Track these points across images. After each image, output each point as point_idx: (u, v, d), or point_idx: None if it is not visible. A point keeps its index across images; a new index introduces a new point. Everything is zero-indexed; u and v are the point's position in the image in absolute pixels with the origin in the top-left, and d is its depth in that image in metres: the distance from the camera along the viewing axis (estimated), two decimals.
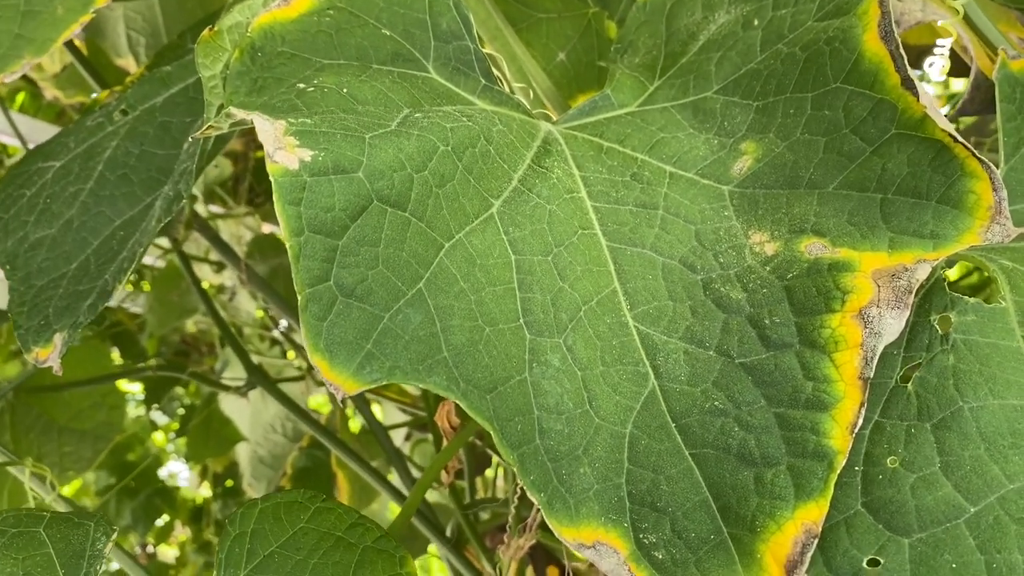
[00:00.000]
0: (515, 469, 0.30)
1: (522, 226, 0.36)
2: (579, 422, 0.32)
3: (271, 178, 0.29)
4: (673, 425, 0.32)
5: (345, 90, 0.36)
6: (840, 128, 0.37)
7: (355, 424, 1.53)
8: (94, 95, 0.62)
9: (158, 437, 2.81)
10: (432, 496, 1.15)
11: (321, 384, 1.38)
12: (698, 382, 0.33)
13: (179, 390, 2.37)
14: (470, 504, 0.89)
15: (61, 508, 0.57)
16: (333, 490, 0.95)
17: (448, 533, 0.88)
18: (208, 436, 1.37)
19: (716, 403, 0.32)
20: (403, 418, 1.37)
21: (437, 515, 0.94)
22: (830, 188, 0.36)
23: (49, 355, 0.43)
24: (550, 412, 0.32)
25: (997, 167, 0.44)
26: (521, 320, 0.34)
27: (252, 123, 0.31)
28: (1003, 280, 0.35)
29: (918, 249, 0.33)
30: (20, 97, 1.52)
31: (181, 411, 2.44)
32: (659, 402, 0.32)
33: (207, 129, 0.33)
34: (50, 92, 1.29)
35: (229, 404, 1.52)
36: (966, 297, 0.34)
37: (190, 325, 1.97)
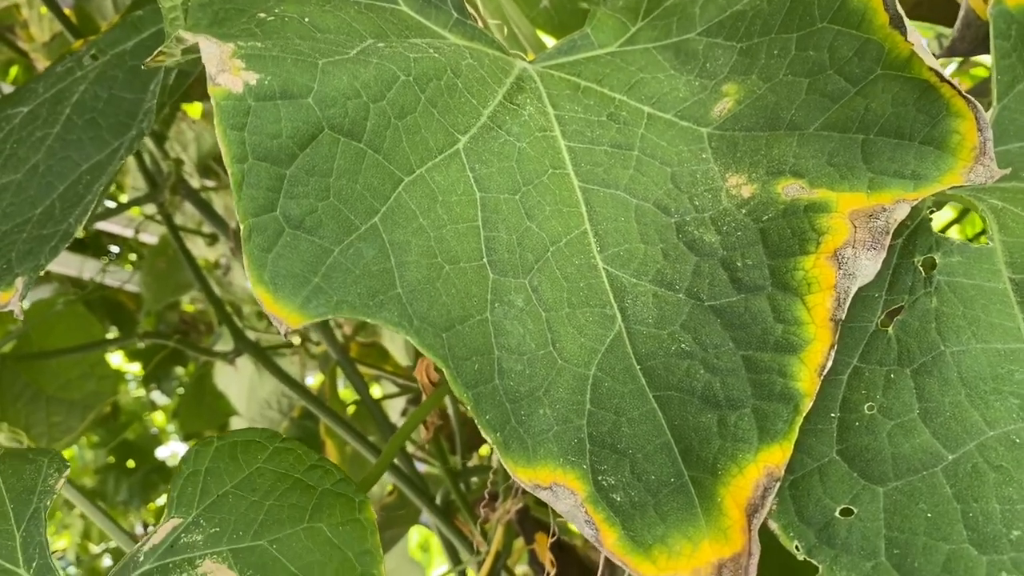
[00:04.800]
0: (469, 408, 0.29)
1: (489, 163, 0.34)
2: (541, 363, 0.31)
3: (212, 101, 0.27)
4: (638, 367, 0.30)
5: (307, 19, 0.35)
6: (824, 68, 0.36)
7: (351, 397, 1.52)
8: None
9: (158, 417, 2.81)
10: (425, 467, 1.14)
11: (315, 358, 1.37)
12: (666, 324, 0.31)
13: (178, 369, 2.37)
14: (460, 472, 0.88)
15: None
16: None
17: (439, 502, 0.87)
18: (200, 408, 1.36)
19: (683, 345, 0.30)
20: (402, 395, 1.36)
21: (429, 486, 0.92)
22: (811, 129, 0.35)
23: (10, 299, 0.42)
24: (511, 353, 0.30)
25: (988, 108, 0.42)
26: (485, 259, 0.32)
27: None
28: (992, 220, 0.34)
29: (898, 189, 0.31)
30: (13, 71, 1.51)
31: (180, 390, 2.43)
32: (625, 344, 0.31)
33: (157, 55, 0.32)
34: (41, 63, 1.28)
35: (225, 380, 1.51)
36: (952, 237, 0.33)
37: (188, 304, 1.97)
